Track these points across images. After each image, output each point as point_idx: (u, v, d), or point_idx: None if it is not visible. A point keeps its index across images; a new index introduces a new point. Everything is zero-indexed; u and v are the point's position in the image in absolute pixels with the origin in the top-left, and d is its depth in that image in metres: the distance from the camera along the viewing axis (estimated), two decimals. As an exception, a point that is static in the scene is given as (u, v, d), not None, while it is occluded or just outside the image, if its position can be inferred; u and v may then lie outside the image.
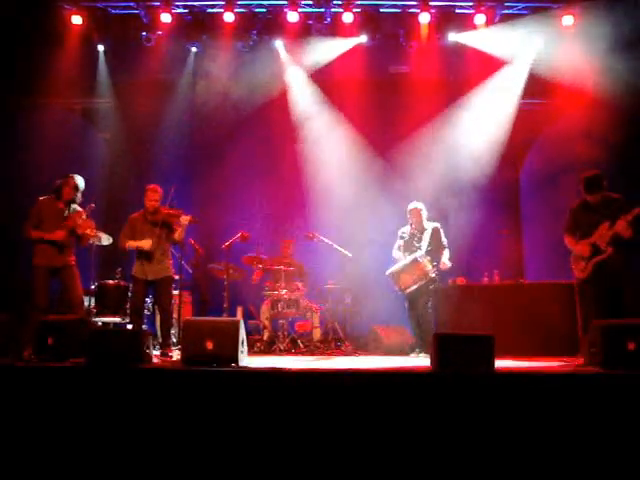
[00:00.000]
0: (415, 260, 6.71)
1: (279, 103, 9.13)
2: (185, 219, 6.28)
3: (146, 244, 6.16)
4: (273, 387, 4.27)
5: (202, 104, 8.90)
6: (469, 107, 8.92)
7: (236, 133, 8.89)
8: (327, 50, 8.85)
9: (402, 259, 6.89)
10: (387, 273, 6.86)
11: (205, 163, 8.69)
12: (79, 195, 6.18)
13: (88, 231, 6.11)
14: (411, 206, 7.02)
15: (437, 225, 7.03)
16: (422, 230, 6.98)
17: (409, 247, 6.98)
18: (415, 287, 6.71)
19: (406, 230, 7.08)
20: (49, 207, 6.05)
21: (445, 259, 6.84)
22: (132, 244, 6.20)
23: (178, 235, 6.33)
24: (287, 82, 9.16)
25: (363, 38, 8.66)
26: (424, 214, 7.01)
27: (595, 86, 7.92)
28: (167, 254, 6.38)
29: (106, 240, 7.14)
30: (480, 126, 8.88)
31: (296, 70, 9.11)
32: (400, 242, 7.07)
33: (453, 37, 8.55)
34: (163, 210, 6.28)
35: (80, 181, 6.17)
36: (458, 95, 8.90)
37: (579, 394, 4.12)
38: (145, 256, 6.20)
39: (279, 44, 8.86)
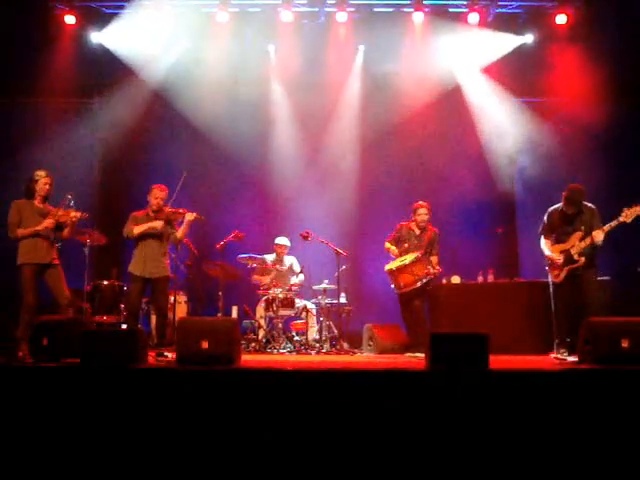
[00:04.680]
0: (418, 259, 6.66)
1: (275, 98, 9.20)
2: (191, 216, 6.27)
3: (158, 224, 6.11)
4: (269, 386, 4.27)
5: (196, 104, 8.87)
6: (466, 106, 8.93)
7: (231, 132, 8.86)
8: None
9: (395, 252, 6.88)
10: (386, 269, 6.83)
11: (200, 162, 8.66)
12: (49, 188, 6.00)
13: (72, 214, 5.93)
14: (420, 203, 7.00)
15: (436, 230, 7.05)
16: (423, 230, 6.99)
17: (408, 244, 6.94)
18: (415, 286, 6.65)
19: (405, 225, 7.07)
20: (26, 208, 5.94)
21: (435, 264, 6.87)
22: (141, 227, 6.12)
23: (181, 233, 6.32)
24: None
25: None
26: (429, 214, 7.01)
27: (590, 84, 7.94)
28: (166, 253, 6.36)
29: (100, 239, 7.11)
30: (475, 124, 8.90)
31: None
32: (396, 235, 7.06)
33: (444, 36, 8.56)
34: (166, 209, 6.24)
35: (44, 173, 6.01)
36: (453, 93, 8.91)
37: (574, 391, 4.13)
38: (147, 253, 6.15)
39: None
